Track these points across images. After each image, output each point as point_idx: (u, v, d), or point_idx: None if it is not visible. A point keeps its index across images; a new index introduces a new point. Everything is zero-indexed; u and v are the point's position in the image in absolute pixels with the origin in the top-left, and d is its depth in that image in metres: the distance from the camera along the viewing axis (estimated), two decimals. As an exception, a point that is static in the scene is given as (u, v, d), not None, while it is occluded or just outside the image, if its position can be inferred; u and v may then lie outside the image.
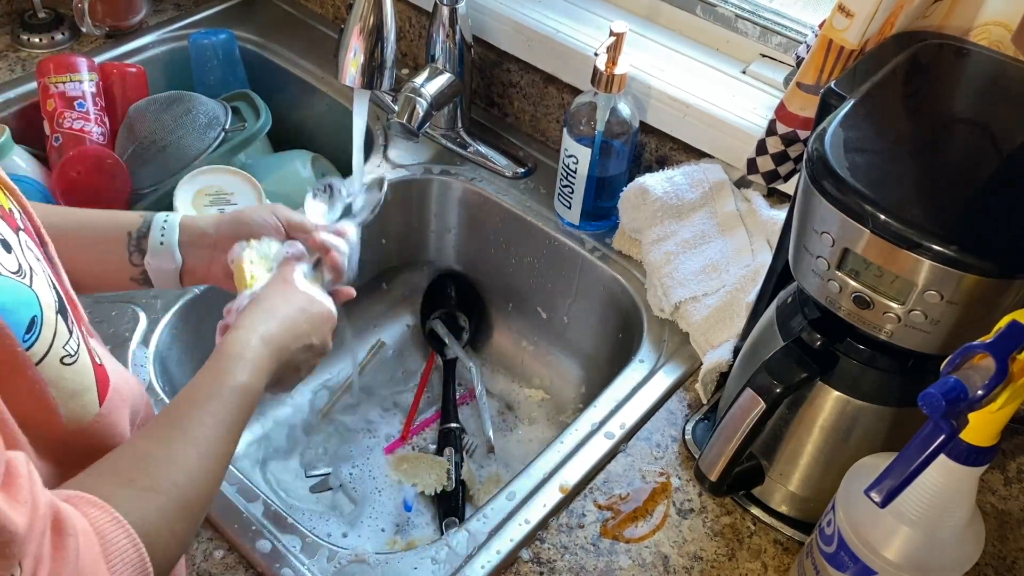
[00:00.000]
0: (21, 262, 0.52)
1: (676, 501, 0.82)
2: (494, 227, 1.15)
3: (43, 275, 0.54)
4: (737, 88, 1.03)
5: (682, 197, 1.01)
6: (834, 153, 0.62)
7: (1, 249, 0.51)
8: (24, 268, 0.52)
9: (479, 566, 0.76)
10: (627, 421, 0.88)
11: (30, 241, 0.56)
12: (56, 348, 0.53)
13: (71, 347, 0.54)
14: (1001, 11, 0.73)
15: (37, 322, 0.51)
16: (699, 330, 0.93)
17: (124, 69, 1.19)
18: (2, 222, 0.53)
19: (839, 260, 0.62)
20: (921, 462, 0.55)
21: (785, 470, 0.77)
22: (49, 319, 0.52)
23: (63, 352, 0.53)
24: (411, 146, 1.18)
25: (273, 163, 1.23)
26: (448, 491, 1.03)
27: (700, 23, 1.10)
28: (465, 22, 1.09)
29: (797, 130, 0.85)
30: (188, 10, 1.36)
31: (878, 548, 0.63)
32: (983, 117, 0.69)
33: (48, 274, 0.56)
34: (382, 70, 0.91)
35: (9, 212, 0.55)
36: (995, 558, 0.79)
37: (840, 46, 0.76)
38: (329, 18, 1.39)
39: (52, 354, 0.52)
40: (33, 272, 0.53)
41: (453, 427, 1.09)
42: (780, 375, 0.69)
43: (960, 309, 0.59)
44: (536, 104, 1.18)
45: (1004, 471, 0.86)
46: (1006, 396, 0.53)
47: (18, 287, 0.50)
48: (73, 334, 0.55)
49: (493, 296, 1.21)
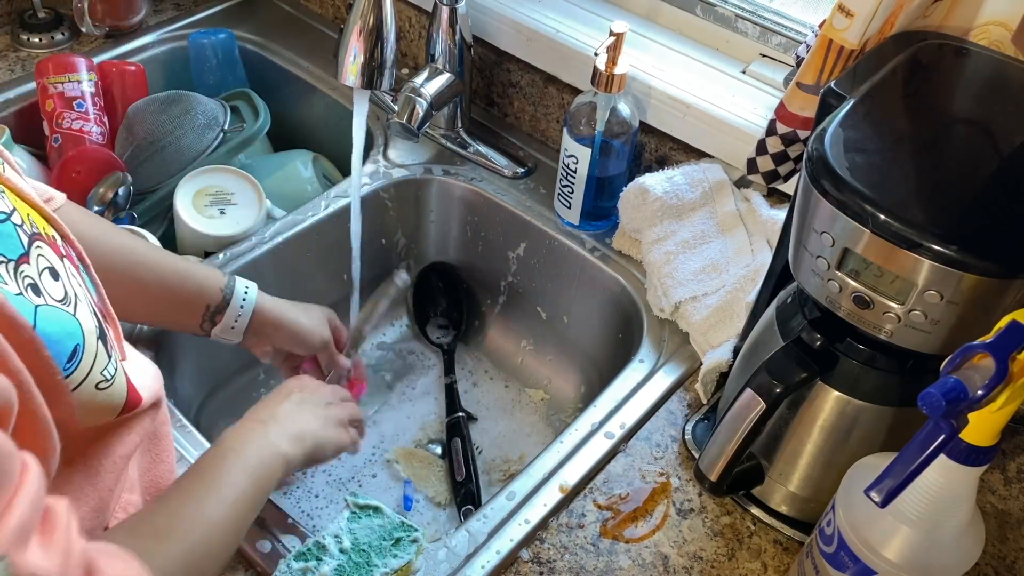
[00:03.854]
0: (67, 289, 0.53)
1: (676, 501, 0.82)
2: (494, 227, 1.15)
3: (85, 301, 0.55)
4: (737, 88, 1.03)
5: (682, 197, 1.01)
6: (834, 153, 0.62)
7: (49, 277, 0.51)
8: (70, 296, 0.53)
9: (479, 566, 0.76)
10: (627, 421, 0.88)
11: (72, 268, 0.56)
12: (94, 374, 0.53)
13: (108, 372, 0.55)
14: (1001, 11, 0.73)
15: (79, 351, 0.52)
16: (699, 330, 0.93)
17: (123, 67, 1.19)
18: (48, 249, 0.53)
19: (839, 260, 0.62)
20: (921, 462, 0.55)
21: (785, 470, 0.77)
22: (90, 346, 0.53)
23: (100, 378, 0.54)
24: (411, 146, 1.18)
25: (273, 163, 1.23)
26: (459, 480, 1.03)
27: (700, 23, 1.10)
28: (465, 22, 1.09)
29: (797, 130, 0.85)
30: (188, 10, 1.36)
31: (878, 548, 0.63)
32: (983, 117, 0.69)
33: (90, 300, 0.56)
34: (382, 70, 0.91)
35: (52, 239, 0.56)
36: (995, 558, 0.79)
37: (840, 46, 0.76)
38: (329, 18, 1.39)
39: (89, 380, 0.53)
40: (77, 299, 0.53)
41: (459, 416, 1.09)
42: (780, 375, 0.69)
43: (960, 309, 0.59)
44: (536, 104, 1.18)
45: (1004, 471, 0.86)
46: (1006, 396, 0.52)
47: (64, 317, 0.51)
48: (112, 358, 0.56)
49: (493, 296, 1.21)
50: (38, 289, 0.50)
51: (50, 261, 0.53)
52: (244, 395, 1.09)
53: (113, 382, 0.55)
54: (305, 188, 1.20)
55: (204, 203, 1.06)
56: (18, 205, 0.53)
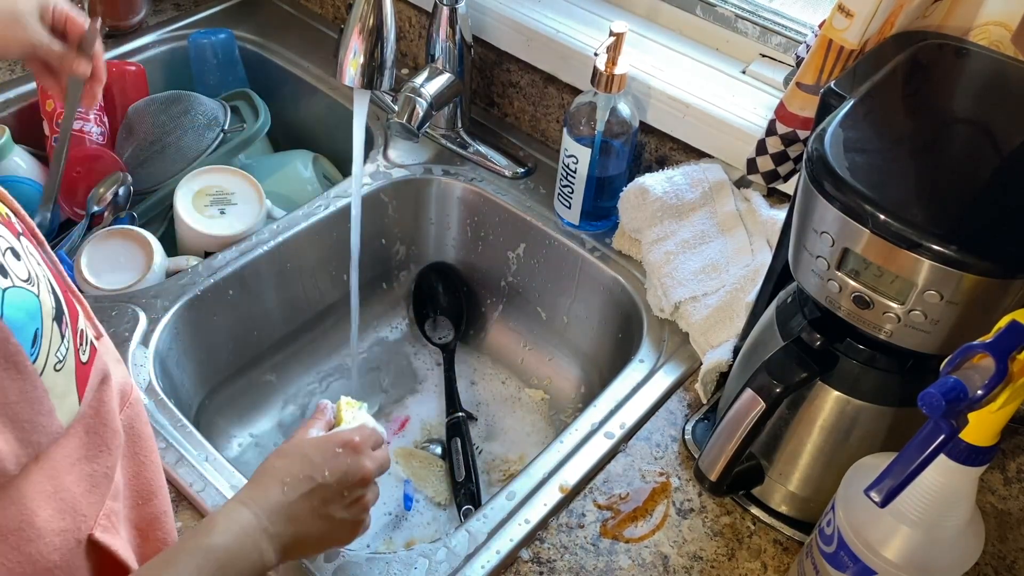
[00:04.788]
0: (29, 269, 0.52)
1: (676, 501, 0.82)
2: (494, 227, 1.15)
3: (44, 280, 0.54)
4: (737, 88, 1.03)
5: (682, 197, 1.01)
6: (834, 153, 0.62)
7: (11, 257, 0.51)
8: (32, 276, 0.52)
9: (479, 566, 0.76)
10: (627, 421, 0.88)
11: (30, 245, 0.55)
12: (50, 356, 0.52)
13: (61, 352, 0.53)
14: (1001, 11, 0.73)
15: (39, 335, 0.51)
16: (699, 330, 0.93)
17: (123, 67, 1.19)
18: (4, 229, 0.52)
19: (839, 260, 0.62)
20: (921, 462, 0.55)
21: (785, 470, 0.77)
22: (47, 328, 0.52)
23: (55, 359, 0.53)
24: (411, 146, 1.18)
25: (273, 163, 1.23)
26: (459, 480, 1.03)
27: (700, 23, 1.10)
28: (465, 22, 1.09)
29: (797, 130, 0.85)
30: (188, 10, 1.36)
31: (878, 548, 0.63)
32: (983, 117, 0.69)
33: (48, 277, 0.55)
34: (382, 70, 0.91)
35: (7, 217, 0.55)
36: (995, 558, 0.79)
37: (840, 46, 0.76)
38: (329, 18, 1.39)
39: (48, 363, 0.52)
40: (38, 279, 0.52)
41: (459, 416, 1.09)
42: (780, 375, 0.69)
43: (960, 309, 0.59)
44: (536, 104, 1.18)
45: (1004, 471, 0.86)
46: (1006, 396, 0.52)
47: (29, 299, 0.50)
48: (65, 337, 0.54)
49: (493, 296, 1.21)
50: (4, 270, 0.49)
51: (9, 242, 0.52)
52: (244, 395, 1.09)
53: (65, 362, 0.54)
54: (305, 188, 1.20)
55: (204, 203, 1.06)
56: None
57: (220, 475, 0.81)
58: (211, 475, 0.81)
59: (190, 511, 0.79)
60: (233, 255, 1.02)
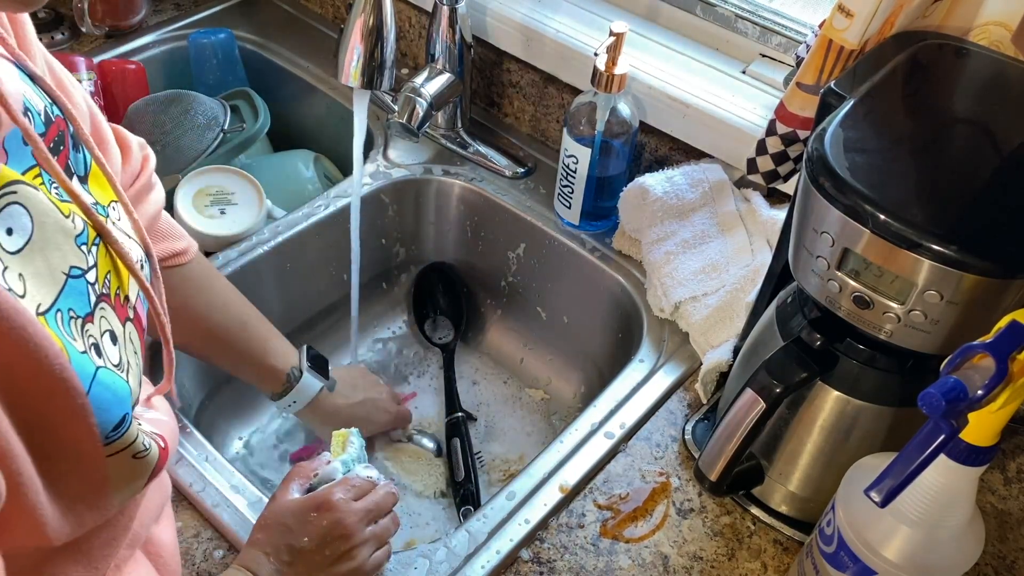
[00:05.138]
0: (122, 356, 0.52)
1: (676, 501, 0.82)
2: (494, 227, 1.15)
3: (136, 369, 0.54)
4: (737, 88, 1.03)
5: (682, 197, 1.01)
6: (834, 153, 0.62)
7: (109, 340, 0.51)
8: (123, 362, 0.52)
9: (479, 566, 0.76)
10: (627, 421, 0.88)
11: (135, 333, 0.55)
12: (136, 444, 0.52)
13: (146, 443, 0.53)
14: (1001, 11, 0.72)
15: (127, 420, 0.50)
16: (699, 330, 0.93)
17: (123, 66, 1.19)
18: (112, 312, 0.52)
19: (839, 260, 0.62)
20: (921, 462, 0.55)
21: (785, 470, 0.77)
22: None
23: (140, 448, 0.52)
24: (411, 146, 1.18)
25: (274, 163, 1.23)
26: (459, 480, 1.03)
27: (700, 23, 1.09)
28: (465, 22, 1.09)
29: (797, 130, 0.85)
30: (188, 10, 1.36)
31: (878, 548, 0.63)
32: (983, 117, 0.69)
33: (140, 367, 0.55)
34: (382, 70, 0.91)
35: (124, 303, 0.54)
36: (995, 558, 0.79)
37: (840, 46, 0.76)
38: (329, 18, 1.39)
39: (129, 450, 0.51)
40: (130, 367, 0.52)
41: (459, 416, 1.09)
42: (780, 375, 0.69)
43: (960, 309, 0.59)
44: (536, 104, 1.18)
45: (1004, 471, 0.86)
46: (1006, 396, 0.52)
47: (118, 383, 0.50)
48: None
49: (493, 296, 1.21)
50: (99, 350, 0.49)
51: (111, 324, 0.52)
52: (244, 395, 1.09)
53: (149, 451, 0.54)
54: (306, 188, 1.20)
55: (204, 203, 1.06)
56: (102, 263, 0.52)
57: (220, 475, 0.81)
58: (211, 475, 0.81)
59: (190, 511, 0.79)
60: (233, 255, 1.02)
